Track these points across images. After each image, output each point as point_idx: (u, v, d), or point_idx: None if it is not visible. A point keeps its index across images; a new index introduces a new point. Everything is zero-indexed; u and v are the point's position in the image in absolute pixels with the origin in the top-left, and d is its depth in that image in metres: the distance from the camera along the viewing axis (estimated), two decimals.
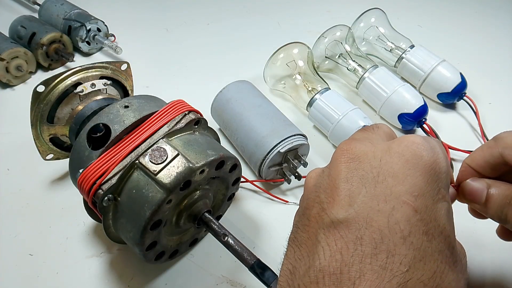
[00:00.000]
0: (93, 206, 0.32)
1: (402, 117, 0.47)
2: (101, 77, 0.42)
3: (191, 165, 0.30)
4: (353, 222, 0.20)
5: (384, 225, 0.20)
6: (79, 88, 0.40)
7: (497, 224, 0.30)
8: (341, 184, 0.22)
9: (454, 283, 0.20)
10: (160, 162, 0.30)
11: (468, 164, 0.29)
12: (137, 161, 0.31)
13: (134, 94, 0.46)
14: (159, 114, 0.34)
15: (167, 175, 0.30)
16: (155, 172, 0.30)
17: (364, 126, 0.44)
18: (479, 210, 0.28)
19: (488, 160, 0.27)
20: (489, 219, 0.28)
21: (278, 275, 0.23)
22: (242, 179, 0.40)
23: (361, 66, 0.52)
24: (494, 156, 0.27)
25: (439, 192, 0.21)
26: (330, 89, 0.48)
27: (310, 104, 0.48)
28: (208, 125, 0.36)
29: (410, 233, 0.20)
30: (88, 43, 0.64)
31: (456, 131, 0.49)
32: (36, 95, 0.39)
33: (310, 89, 0.49)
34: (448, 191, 0.22)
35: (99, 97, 0.41)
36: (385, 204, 0.20)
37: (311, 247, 0.21)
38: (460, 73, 0.50)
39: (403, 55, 0.53)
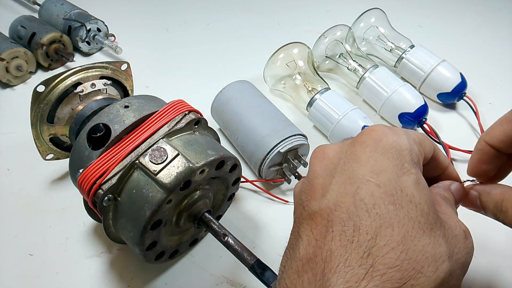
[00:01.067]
0: (93, 206, 0.32)
1: (402, 117, 0.47)
2: (101, 77, 0.42)
3: (191, 165, 0.30)
4: (325, 209, 0.22)
5: (350, 204, 0.21)
6: (79, 88, 0.40)
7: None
8: (316, 181, 0.24)
9: (431, 246, 0.20)
10: (160, 162, 0.30)
11: (487, 141, 0.28)
12: (137, 161, 0.31)
13: (134, 94, 0.46)
14: (159, 114, 0.34)
15: (167, 175, 0.30)
16: (155, 172, 0.30)
17: (364, 126, 0.44)
18: (484, 214, 0.29)
19: (510, 133, 0.27)
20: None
21: (278, 275, 0.24)
22: (242, 179, 0.40)
23: (361, 66, 0.52)
24: None
25: (403, 167, 0.23)
26: (330, 89, 0.48)
27: (310, 104, 0.48)
28: (208, 125, 0.36)
29: (374, 205, 0.21)
30: (88, 43, 0.64)
31: (456, 131, 0.49)
32: (36, 95, 0.39)
33: (310, 89, 0.49)
34: (414, 165, 0.23)
35: (99, 97, 0.41)
36: (351, 186, 0.22)
37: (295, 244, 0.23)
38: (460, 73, 0.50)
39: (403, 55, 0.53)
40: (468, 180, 0.31)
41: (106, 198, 0.30)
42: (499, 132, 0.28)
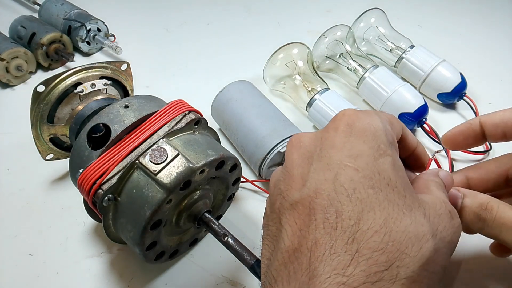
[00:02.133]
0: (93, 206, 0.32)
1: (402, 117, 0.47)
2: (101, 77, 0.42)
3: (191, 165, 0.30)
4: (306, 198, 0.22)
5: (330, 190, 0.21)
6: (79, 88, 0.40)
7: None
8: (294, 170, 0.24)
9: (413, 226, 0.20)
10: (160, 162, 0.30)
11: (482, 121, 0.30)
12: (137, 161, 0.31)
13: (134, 94, 0.46)
14: (159, 114, 0.34)
15: (167, 175, 0.30)
16: (155, 172, 0.30)
17: None
18: None
19: (507, 123, 0.28)
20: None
21: (261, 267, 0.24)
22: (242, 179, 0.40)
23: (361, 66, 0.52)
24: None
25: (379, 148, 0.23)
26: (329, 89, 0.48)
27: (309, 104, 0.48)
28: (208, 125, 0.36)
29: (355, 190, 0.21)
30: (88, 43, 0.64)
31: None
32: (36, 95, 0.39)
33: (309, 89, 0.49)
34: (390, 146, 0.23)
35: (99, 97, 0.41)
36: (330, 172, 0.22)
37: (278, 235, 0.23)
38: (460, 73, 0.50)
39: (403, 55, 0.53)
40: (436, 152, 0.34)
41: (106, 198, 0.30)
42: (498, 116, 0.29)
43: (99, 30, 0.64)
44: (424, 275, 0.20)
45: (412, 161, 0.29)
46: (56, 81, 0.39)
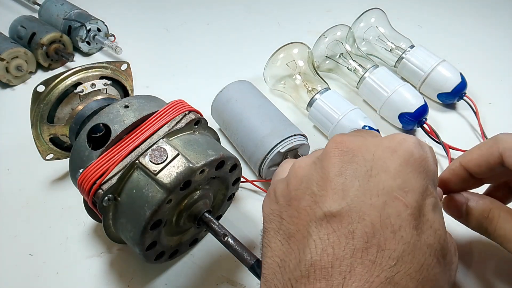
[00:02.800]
0: (93, 206, 0.32)
1: (402, 117, 0.47)
2: (101, 77, 0.42)
3: (191, 165, 0.30)
4: (345, 216, 0.20)
5: (376, 220, 0.20)
6: (79, 88, 0.40)
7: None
8: (334, 177, 0.22)
9: (441, 275, 0.20)
10: (160, 162, 0.30)
11: (464, 164, 0.29)
12: (137, 161, 0.31)
13: (134, 94, 0.46)
14: (159, 114, 0.34)
15: (167, 175, 0.30)
16: (155, 172, 0.30)
17: (364, 126, 0.44)
18: (461, 222, 0.29)
19: (488, 159, 0.28)
20: None
21: (266, 263, 0.23)
22: (242, 179, 0.40)
23: (361, 66, 0.52)
24: (494, 156, 0.27)
25: (427, 189, 0.22)
26: (330, 89, 0.48)
27: (310, 104, 0.48)
28: (208, 125, 0.36)
29: (400, 228, 0.20)
30: (88, 43, 0.64)
31: (456, 131, 0.49)
32: (36, 95, 0.39)
33: (310, 89, 0.49)
34: (435, 188, 0.23)
35: (99, 97, 0.41)
36: (378, 198, 0.21)
37: (301, 240, 0.21)
38: (460, 73, 0.50)
39: (403, 55, 0.53)
40: None
41: (106, 198, 0.30)
42: (477, 156, 0.28)
43: (99, 30, 0.64)
44: None
45: None
46: (56, 81, 0.39)
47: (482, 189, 0.32)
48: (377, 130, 0.44)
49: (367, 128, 0.44)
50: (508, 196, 0.31)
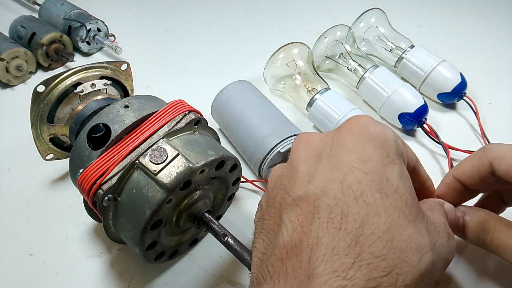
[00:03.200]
0: (93, 206, 0.32)
1: (402, 117, 0.47)
2: (101, 77, 0.42)
3: (191, 165, 0.30)
4: (312, 195, 0.22)
5: (338, 190, 0.21)
6: (79, 88, 0.40)
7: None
8: (300, 166, 0.24)
9: (415, 236, 0.20)
10: (160, 162, 0.30)
11: (457, 177, 0.29)
12: (137, 161, 0.31)
13: (134, 94, 0.46)
14: (159, 114, 0.34)
15: (167, 175, 0.30)
16: (155, 172, 0.30)
17: None
18: (459, 237, 0.29)
19: (479, 170, 0.28)
20: None
21: (252, 261, 0.23)
22: (242, 179, 0.40)
23: (361, 66, 0.52)
24: (485, 166, 0.28)
25: (388, 156, 0.23)
26: (330, 89, 0.48)
27: (310, 104, 0.48)
28: (208, 125, 0.36)
29: (362, 193, 0.21)
30: (88, 43, 0.64)
31: (456, 131, 0.49)
32: (36, 95, 0.39)
33: (310, 89, 0.49)
34: (398, 156, 0.23)
35: (99, 97, 0.41)
36: (338, 172, 0.22)
37: (277, 230, 0.22)
38: (460, 73, 0.50)
39: (403, 55, 0.53)
40: None
41: (106, 198, 0.30)
42: (468, 167, 0.29)
43: (99, 30, 0.64)
44: (420, 285, 0.20)
45: (420, 194, 0.29)
46: (56, 81, 0.39)
47: (473, 200, 0.32)
48: None
49: None
50: (500, 205, 0.32)
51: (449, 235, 0.24)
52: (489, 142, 0.46)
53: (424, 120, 0.47)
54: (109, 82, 0.42)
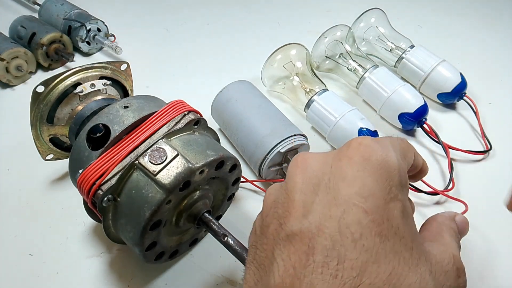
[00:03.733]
0: (93, 207, 0.32)
1: (402, 117, 0.47)
2: (101, 77, 0.42)
3: (190, 165, 0.30)
4: (306, 232, 0.20)
5: (335, 231, 0.19)
6: (78, 88, 0.40)
7: None
8: (296, 195, 0.22)
9: (417, 285, 0.19)
10: (159, 162, 0.30)
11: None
12: (137, 162, 0.31)
13: (134, 94, 0.46)
14: (158, 114, 0.34)
15: (167, 175, 0.30)
16: (155, 173, 0.30)
17: (361, 128, 0.43)
18: None
19: None
20: None
21: None
22: (242, 179, 0.40)
23: (361, 66, 0.52)
24: None
25: (390, 191, 0.21)
26: (328, 90, 0.48)
27: (307, 105, 0.48)
28: (208, 125, 0.36)
29: (361, 236, 0.19)
30: (88, 43, 0.64)
31: (456, 131, 0.49)
32: (36, 95, 0.39)
33: (308, 90, 0.49)
34: (402, 189, 0.21)
35: (98, 97, 0.41)
36: (336, 208, 0.20)
37: (268, 266, 0.21)
38: (460, 73, 0.50)
39: (403, 55, 0.53)
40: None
41: (105, 198, 0.30)
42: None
43: (99, 30, 0.64)
44: None
45: (414, 176, 0.28)
46: (56, 81, 0.39)
47: None
48: (375, 131, 0.44)
49: (364, 129, 0.43)
50: None
51: (459, 272, 0.22)
52: (489, 142, 0.46)
53: (424, 120, 0.47)
54: (108, 82, 0.42)
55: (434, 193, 0.41)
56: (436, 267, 0.20)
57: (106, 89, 0.42)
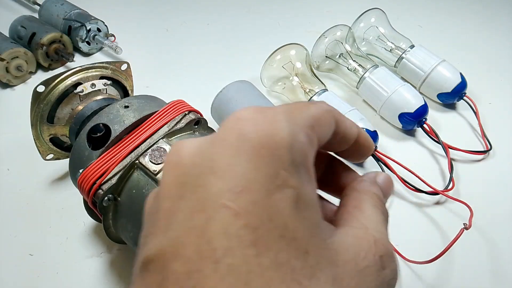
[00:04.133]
0: (93, 206, 0.32)
1: (402, 117, 0.47)
2: (101, 77, 0.42)
3: None
4: (161, 257, 0.14)
5: (193, 249, 0.14)
6: (79, 88, 0.40)
7: None
8: (162, 203, 0.16)
9: None
10: (160, 162, 0.30)
11: None
12: (137, 161, 0.31)
13: (134, 94, 0.46)
14: (159, 114, 0.34)
15: None
16: (155, 172, 0.30)
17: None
18: None
19: None
20: None
21: None
22: None
23: (361, 66, 0.52)
24: None
25: (277, 177, 0.14)
26: (327, 90, 0.48)
27: None
28: (208, 125, 0.36)
29: (226, 252, 0.13)
30: (88, 43, 0.64)
31: (456, 131, 0.49)
32: (36, 95, 0.39)
33: (307, 90, 0.49)
34: (296, 171, 0.15)
35: (99, 97, 0.41)
36: (200, 215, 0.14)
37: None
38: (460, 73, 0.50)
39: (403, 55, 0.53)
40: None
41: (106, 198, 0.30)
42: None
43: (99, 30, 0.64)
44: None
45: (353, 152, 0.20)
46: (56, 81, 0.39)
47: None
48: (375, 131, 0.44)
49: (364, 130, 0.43)
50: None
51: (383, 261, 0.16)
52: (489, 142, 0.46)
53: (424, 120, 0.47)
54: (109, 82, 0.42)
55: (434, 193, 0.41)
56: (345, 268, 0.15)
57: (106, 89, 0.42)
